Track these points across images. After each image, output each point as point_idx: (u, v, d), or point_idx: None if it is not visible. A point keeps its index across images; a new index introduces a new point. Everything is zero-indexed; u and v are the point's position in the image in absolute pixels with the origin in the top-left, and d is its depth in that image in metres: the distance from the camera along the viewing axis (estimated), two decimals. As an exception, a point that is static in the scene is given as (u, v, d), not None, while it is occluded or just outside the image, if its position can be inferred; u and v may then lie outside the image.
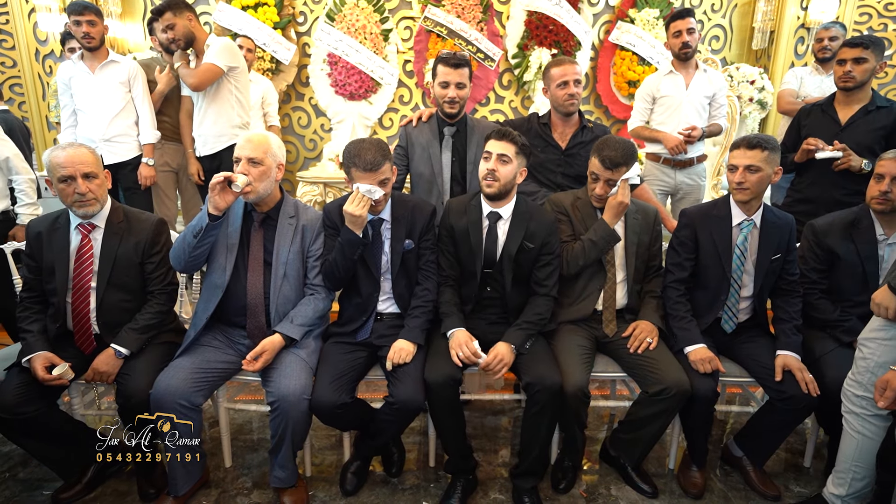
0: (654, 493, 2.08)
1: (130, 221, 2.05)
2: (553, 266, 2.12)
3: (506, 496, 2.07)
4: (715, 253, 2.09)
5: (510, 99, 5.06)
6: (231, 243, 2.03)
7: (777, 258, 2.07)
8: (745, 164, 1.97)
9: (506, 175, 2.02)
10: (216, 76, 3.01)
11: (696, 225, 2.13)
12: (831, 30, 3.51)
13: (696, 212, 2.18)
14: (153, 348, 2.02)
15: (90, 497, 2.03)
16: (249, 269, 2.03)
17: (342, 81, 4.64)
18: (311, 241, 2.09)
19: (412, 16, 4.83)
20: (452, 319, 2.03)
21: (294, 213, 2.09)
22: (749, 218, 2.07)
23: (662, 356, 2.01)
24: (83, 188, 1.89)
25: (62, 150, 1.89)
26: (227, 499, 2.05)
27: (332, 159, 4.26)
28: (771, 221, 2.07)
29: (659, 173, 3.30)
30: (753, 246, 2.07)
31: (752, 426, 2.12)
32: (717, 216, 2.11)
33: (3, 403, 1.79)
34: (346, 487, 2.07)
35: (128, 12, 4.76)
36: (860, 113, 2.54)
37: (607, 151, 2.05)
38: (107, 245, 1.99)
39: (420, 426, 2.44)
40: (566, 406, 1.92)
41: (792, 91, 3.68)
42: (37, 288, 2.00)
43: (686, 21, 3.04)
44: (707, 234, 2.10)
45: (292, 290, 2.07)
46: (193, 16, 3.02)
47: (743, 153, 1.98)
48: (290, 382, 1.86)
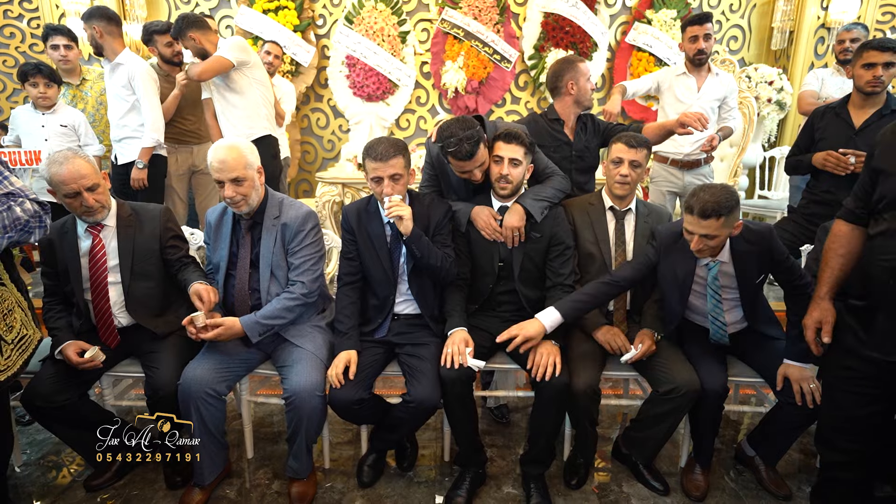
0: (665, 490, 2.11)
1: (139, 214, 2.14)
2: (566, 256, 2.16)
3: (518, 490, 2.12)
4: (675, 286, 2.04)
5: (526, 100, 5.10)
6: (222, 253, 2.12)
7: (763, 277, 2.02)
8: (701, 233, 1.82)
9: (517, 176, 2.08)
10: (223, 68, 3.06)
11: (661, 250, 2.04)
12: (853, 31, 3.47)
13: (667, 236, 2.04)
14: (178, 341, 2.10)
15: (119, 484, 2.12)
16: (237, 274, 2.11)
17: (360, 83, 4.72)
18: (290, 237, 2.09)
19: (429, 18, 4.89)
20: (455, 319, 2.07)
21: (278, 213, 2.11)
22: (714, 259, 1.98)
23: (672, 356, 2.04)
24: (90, 202, 1.94)
25: (59, 165, 1.88)
26: (249, 489, 2.12)
27: (351, 160, 4.33)
28: (743, 251, 1.94)
29: (667, 174, 3.31)
30: (729, 281, 2.01)
31: (764, 427, 2.13)
32: (683, 250, 1.98)
33: (38, 392, 1.90)
34: (362, 479, 2.13)
35: (153, 16, 4.89)
36: (874, 117, 2.53)
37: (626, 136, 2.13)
38: (123, 240, 2.07)
39: (436, 423, 2.50)
40: (576, 404, 1.96)
41: (813, 92, 3.65)
42: (58, 292, 2.09)
43: (703, 27, 3.02)
44: (670, 266, 2.03)
45: (282, 289, 2.10)
46: (195, 32, 3.06)
47: (697, 222, 1.80)
48: (301, 379, 1.92)
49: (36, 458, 2.30)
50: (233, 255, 2.12)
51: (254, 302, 2.11)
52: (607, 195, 2.24)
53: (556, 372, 1.91)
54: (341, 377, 1.94)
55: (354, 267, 2.15)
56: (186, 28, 3.05)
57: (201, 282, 2.02)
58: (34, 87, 2.94)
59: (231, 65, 3.06)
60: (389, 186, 1.97)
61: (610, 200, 2.22)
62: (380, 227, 2.11)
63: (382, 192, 1.98)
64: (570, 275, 2.16)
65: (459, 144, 1.96)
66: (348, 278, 2.15)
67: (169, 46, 3.46)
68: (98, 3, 4.63)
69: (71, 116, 3.14)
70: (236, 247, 2.12)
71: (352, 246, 2.14)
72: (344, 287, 2.15)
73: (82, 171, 1.91)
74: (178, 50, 3.49)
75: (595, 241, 2.20)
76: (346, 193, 4.01)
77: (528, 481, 2.06)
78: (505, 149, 2.06)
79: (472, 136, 1.96)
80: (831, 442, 1.78)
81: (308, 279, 2.09)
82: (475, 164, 2.05)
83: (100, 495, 2.07)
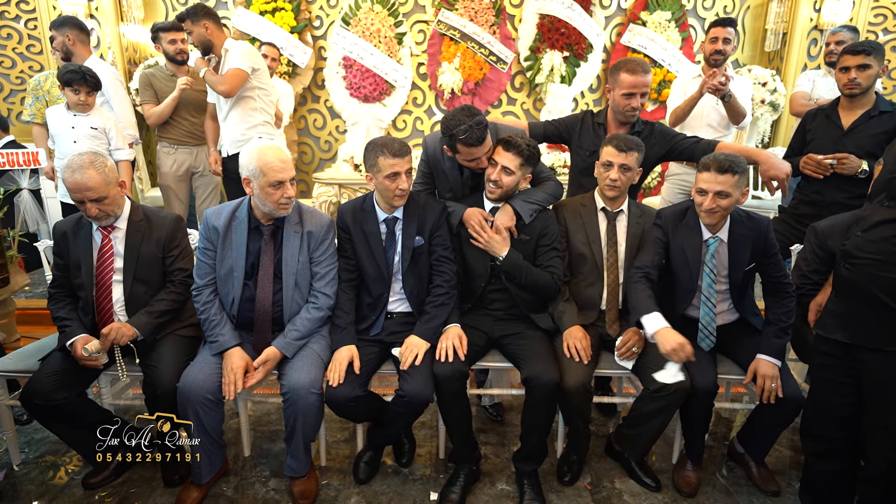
0: (656, 486, 2.14)
1: (151, 219, 2.16)
2: (556, 252, 2.20)
3: (512, 487, 2.15)
4: (685, 264, 2.08)
5: (522, 101, 5.13)
6: (238, 262, 2.04)
7: (751, 267, 2.06)
8: (716, 190, 1.92)
9: (508, 184, 2.11)
10: (244, 80, 3.12)
11: (668, 229, 2.12)
12: (838, 34, 3.53)
13: (669, 216, 2.15)
14: (177, 341, 2.12)
15: (118, 482, 2.14)
16: (259, 285, 2.05)
17: (357, 84, 4.75)
18: (315, 245, 2.10)
19: (426, 19, 4.92)
20: (449, 317, 2.12)
21: (298, 220, 2.10)
22: (714, 235, 2.06)
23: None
24: (92, 212, 1.98)
25: (72, 172, 1.93)
26: (245, 486, 2.15)
27: (347, 160, 4.36)
28: (740, 234, 2.04)
29: (682, 172, 3.39)
30: (723, 261, 2.08)
31: (749, 424, 2.18)
32: (688, 226, 2.09)
33: (37, 391, 1.91)
34: (359, 476, 2.16)
35: (150, 17, 4.90)
36: (863, 118, 2.57)
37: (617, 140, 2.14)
38: (130, 243, 2.10)
39: (431, 421, 2.53)
40: (568, 402, 1.99)
41: (804, 94, 3.70)
42: (66, 284, 2.11)
43: (725, 30, 3.13)
44: (678, 243, 2.10)
45: (304, 299, 2.11)
46: (210, 23, 3.12)
47: (714, 177, 1.91)
48: (299, 376, 1.95)
49: (34, 457, 2.31)
50: (249, 264, 2.06)
51: (275, 313, 2.08)
52: (599, 196, 2.27)
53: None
54: (343, 374, 1.96)
55: (350, 265, 2.17)
56: (203, 16, 3.08)
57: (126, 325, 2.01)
58: (75, 94, 2.93)
59: (247, 75, 3.13)
60: (406, 181, 2.03)
61: (602, 202, 2.26)
62: (375, 226, 2.14)
63: (398, 187, 2.02)
64: (559, 268, 2.19)
65: (470, 130, 1.99)
66: (345, 275, 2.17)
67: (172, 44, 3.49)
68: (93, 7, 4.65)
69: (102, 119, 3.11)
70: (255, 255, 2.06)
71: (347, 244, 2.17)
72: (341, 284, 2.17)
73: (89, 183, 1.93)
74: (181, 48, 3.51)
75: (587, 242, 2.23)
76: (342, 194, 4.04)
77: (522, 478, 2.09)
78: (502, 155, 2.09)
79: (480, 121, 2.01)
80: (810, 431, 1.89)
81: (332, 291, 2.12)
82: (483, 150, 2.08)
83: (98, 493, 2.09)
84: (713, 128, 3.27)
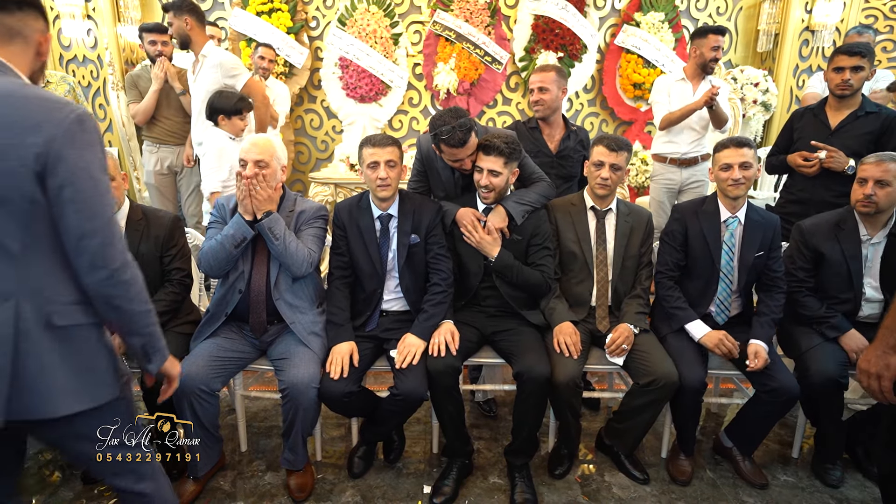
0: (645, 479, 2.18)
1: (149, 219, 2.19)
2: (548, 251, 2.24)
3: (503, 481, 2.19)
4: (705, 246, 2.22)
5: (517, 101, 5.17)
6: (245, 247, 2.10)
7: (760, 255, 2.18)
8: (740, 162, 2.12)
9: (499, 184, 2.15)
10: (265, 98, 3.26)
11: (686, 219, 2.27)
12: (857, 35, 3.62)
13: (687, 207, 2.33)
14: (173, 337, 2.13)
15: (116, 476, 2.17)
16: (254, 269, 2.13)
17: (353, 84, 4.78)
18: (303, 222, 2.16)
19: (421, 20, 4.95)
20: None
21: (293, 207, 2.19)
22: (734, 215, 2.20)
23: (653, 349, 2.12)
24: None
25: None
26: (242, 480, 2.18)
27: (344, 160, 4.39)
28: (754, 220, 2.21)
29: (666, 172, 3.41)
30: (738, 242, 2.20)
31: (740, 417, 2.21)
32: (707, 212, 2.25)
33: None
34: (353, 471, 2.20)
35: (147, 18, 4.92)
36: (850, 118, 2.62)
37: (607, 140, 2.21)
38: (129, 243, 2.11)
39: (425, 416, 2.56)
40: (558, 396, 2.03)
41: (815, 94, 3.67)
42: None
43: (722, 38, 3.16)
44: (697, 229, 2.24)
45: (291, 283, 2.15)
46: (192, 19, 3.05)
47: (735, 151, 2.13)
48: (299, 371, 1.98)
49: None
50: (250, 252, 2.13)
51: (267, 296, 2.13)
52: (589, 195, 2.31)
53: None
54: (347, 367, 1.99)
55: (345, 262, 2.22)
56: (187, 11, 3.03)
57: None
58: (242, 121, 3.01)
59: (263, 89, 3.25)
60: (385, 171, 2.06)
61: (591, 200, 2.30)
62: (370, 222, 2.18)
63: (378, 177, 2.06)
64: (550, 266, 2.24)
65: (452, 132, 2.04)
66: (339, 272, 2.21)
67: (152, 45, 3.49)
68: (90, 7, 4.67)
69: None
70: (253, 242, 2.11)
71: (342, 241, 2.21)
72: (336, 281, 2.21)
73: None
74: (160, 50, 3.50)
75: (577, 241, 2.27)
76: (338, 193, 4.07)
77: (513, 471, 2.13)
78: (484, 160, 2.14)
79: (463, 123, 2.05)
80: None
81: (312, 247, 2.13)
82: (466, 152, 2.12)
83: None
84: (694, 129, 3.26)
